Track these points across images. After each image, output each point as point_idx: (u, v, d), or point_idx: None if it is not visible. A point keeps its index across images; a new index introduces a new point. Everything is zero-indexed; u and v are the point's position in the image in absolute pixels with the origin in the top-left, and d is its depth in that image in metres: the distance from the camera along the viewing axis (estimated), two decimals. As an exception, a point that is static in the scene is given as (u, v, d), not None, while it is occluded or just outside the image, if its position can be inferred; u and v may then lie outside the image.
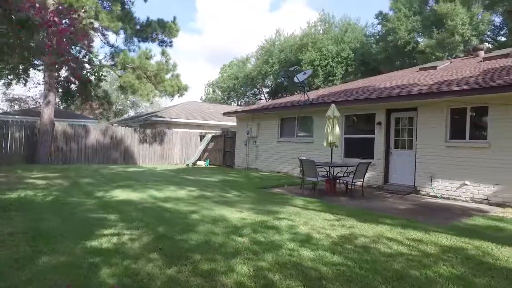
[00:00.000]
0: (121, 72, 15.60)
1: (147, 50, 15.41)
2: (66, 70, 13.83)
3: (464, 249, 4.29)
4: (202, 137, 19.16)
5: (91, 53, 14.05)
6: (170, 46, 17.13)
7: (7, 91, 30.36)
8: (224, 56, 74.33)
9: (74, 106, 26.02)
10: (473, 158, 8.27)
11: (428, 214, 6.62)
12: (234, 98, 45.43)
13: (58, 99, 17.78)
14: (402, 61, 25.83)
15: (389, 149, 10.20)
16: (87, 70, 17.39)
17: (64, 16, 10.60)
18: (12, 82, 17.87)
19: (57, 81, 15.35)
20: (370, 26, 32.09)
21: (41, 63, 15.84)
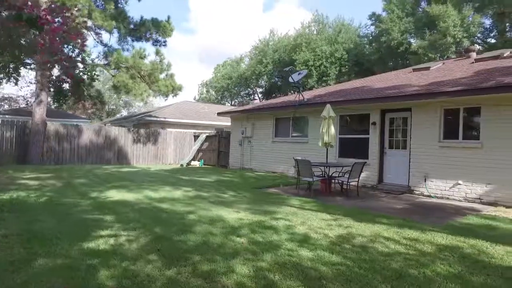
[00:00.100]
0: (114, 71, 15.46)
1: (141, 49, 15.31)
2: (59, 69, 13.64)
3: (459, 247, 4.35)
4: (196, 137, 19.08)
5: (85, 52, 13.88)
6: (164, 45, 17.04)
7: (-3, 90, 29.84)
8: (217, 56, 74.22)
9: (66, 105, 25.66)
10: (466, 158, 8.38)
11: (423, 214, 6.69)
12: (228, 98, 45.35)
13: (50, 99, 17.51)
14: (395, 61, 26.06)
15: (383, 149, 10.28)
16: (80, 69, 17.19)
17: (56, 14, 10.46)
18: (2, 81, 17.55)
19: (49, 80, 15.13)
20: (364, 27, 32.34)
21: (32, 62, 15.61)
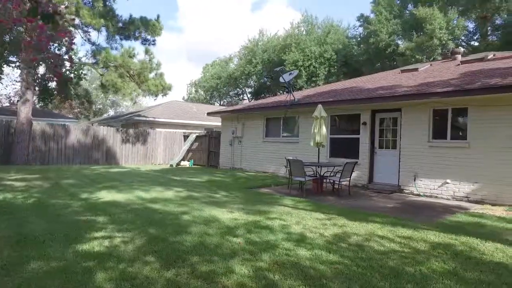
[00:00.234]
0: (103, 70, 15.18)
1: (130, 48, 15.07)
2: (45, 67, 13.31)
3: (452, 245, 4.45)
4: (186, 137, 18.94)
5: (73, 50, 13.59)
6: (153, 44, 16.81)
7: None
8: (206, 55, 73.83)
9: (52, 105, 25.07)
10: (454, 157, 8.58)
11: (414, 212, 6.81)
12: (217, 98, 45.17)
13: (35, 98, 17.08)
14: (383, 63, 26.45)
15: (374, 149, 10.43)
16: (66, 68, 16.82)
17: (43, 10, 10.21)
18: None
19: (34, 79, 14.75)
20: (352, 28, 32.70)
21: (17, 60, 15.19)
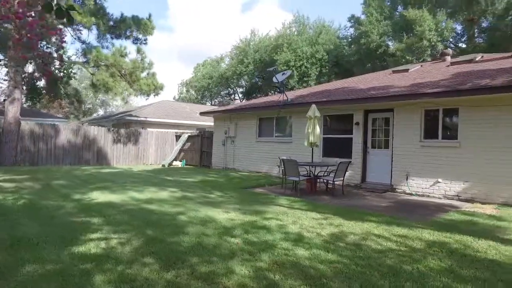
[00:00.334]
0: (94, 69, 14.96)
1: (122, 47, 14.91)
2: (35, 66, 13.04)
3: (446, 243, 4.52)
4: (178, 137, 18.80)
5: (63, 48, 13.36)
6: (145, 43, 16.67)
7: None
8: (196, 55, 73.54)
9: (40, 104, 24.58)
10: (445, 157, 8.73)
11: (408, 211, 6.90)
12: (208, 97, 44.99)
13: (23, 97, 16.72)
14: (373, 63, 26.71)
15: (366, 148, 10.53)
16: (56, 67, 16.51)
17: (31, 7, 10.00)
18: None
19: (22, 77, 14.44)
20: (343, 29, 32.98)
21: (4, 58, 14.85)
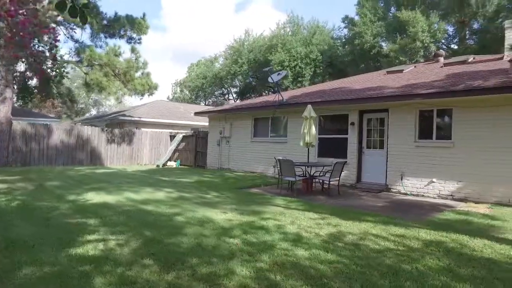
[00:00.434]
0: (87, 69, 14.79)
1: (116, 46, 14.79)
2: (27, 65, 12.84)
3: (443, 242, 4.58)
4: (172, 137, 18.71)
5: (57, 47, 13.19)
6: (139, 43, 16.50)
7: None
8: (190, 55, 73.27)
9: (32, 104, 24.23)
10: (439, 157, 8.83)
11: (403, 211, 6.97)
12: (202, 97, 44.84)
13: (15, 96, 16.46)
14: (367, 64, 26.90)
15: (361, 148, 10.60)
16: (48, 66, 16.28)
17: (24, 5, 9.86)
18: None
19: (13, 76, 14.21)
20: (337, 29, 33.14)
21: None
